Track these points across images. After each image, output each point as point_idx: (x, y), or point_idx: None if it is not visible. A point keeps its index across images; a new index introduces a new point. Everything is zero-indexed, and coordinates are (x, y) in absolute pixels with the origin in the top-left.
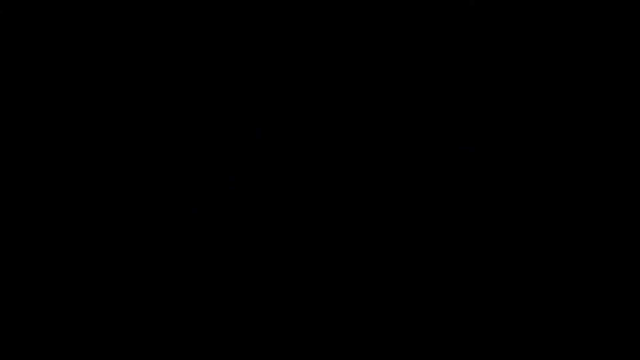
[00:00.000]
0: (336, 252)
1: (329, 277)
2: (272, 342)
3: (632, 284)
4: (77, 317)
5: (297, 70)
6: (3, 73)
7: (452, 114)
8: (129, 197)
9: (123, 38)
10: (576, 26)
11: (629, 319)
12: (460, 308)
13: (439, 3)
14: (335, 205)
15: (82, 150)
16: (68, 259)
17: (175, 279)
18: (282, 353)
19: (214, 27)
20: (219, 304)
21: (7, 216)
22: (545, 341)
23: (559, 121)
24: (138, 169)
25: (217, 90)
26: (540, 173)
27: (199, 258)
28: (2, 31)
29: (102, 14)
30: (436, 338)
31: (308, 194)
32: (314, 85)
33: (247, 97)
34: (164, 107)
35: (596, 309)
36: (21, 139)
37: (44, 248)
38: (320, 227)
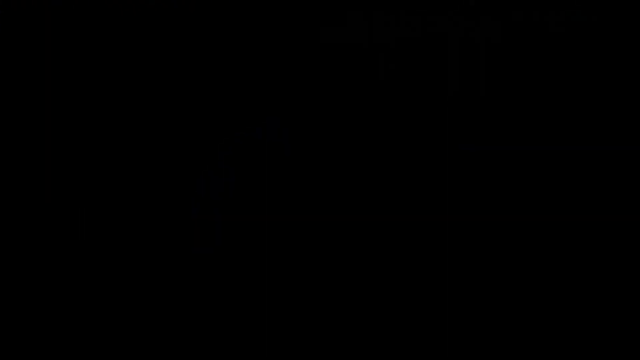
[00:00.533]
0: (336, 252)
1: (329, 277)
2: (272, 342)
3: (632, 284)
4: (77, 317)
5: (297, 70)
6: (3, 73)
7: (452, 114)
8: (129, 197)
9: (123, 38)
10: (576, 26)
11: (629, 319)
12: (460, 308)
13: (439, 3)
14: (335, 205)
15: (82, 150)
16: (68, 259)
17: (175, 279)
18: (282, 353)
19: (214, 27)
20: (219, 304)
21: (7, 216)
22: (545, 341)
23: (559, 121)
24: (138, 169)
25: (217, 90)
26: (540, 173)
27: (199, 258)
28: (2, 31)
29: (102, 14)
30: (436, 338)
31: (308, 194)
32: (314, 86)
33: (247, 97)
34: (164, 108)
35: (596, 309)
36: (21, 139)
37: (44, 248)
38: (320, 227)
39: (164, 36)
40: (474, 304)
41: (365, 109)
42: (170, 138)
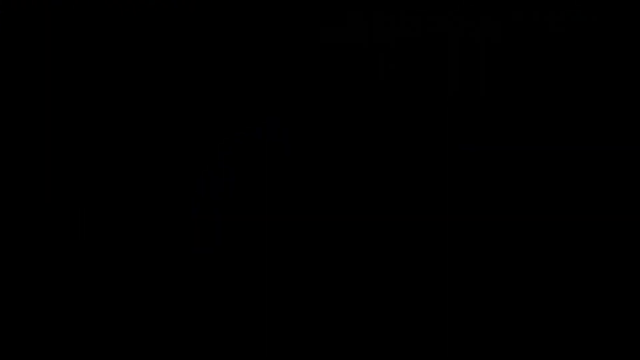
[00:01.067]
0: (336, 252)
1: (329, 277)
2: (272, 342)
3: (632, 284)
4: (77, 317)
5: (297, 70)
6: (3, 73)
7: (452, 114)
8: (129, 197)
9: (123, 38)
10: (576, 26)
11: (629, 319)
12: (460, 308)
13: (439, 3)
14: (335, 205)
15: (82, 150)
16: (68, 259)
17: (175, 279)
18: (282, 353)
19: (214, 27)
20: (219, 304)
21: (7, 216)
22: (545, 341)
23: (559, 121)
24: (138, 169)
25: (217, 90)
26: (540, 173)
27: (199, 258)
28: (2, 31)
29: (102, 14)
30: (436, 338)
31: (308, 194)
32: (314, 86)
33: (247, 97)
34: (164, 108)
35: (596, 309)
36: (21, 139)
37: (44, 248)
38: (320, 227)
39: (164, 36)
40: (474, 304)
41: (365, 109)
42: (171, 138)
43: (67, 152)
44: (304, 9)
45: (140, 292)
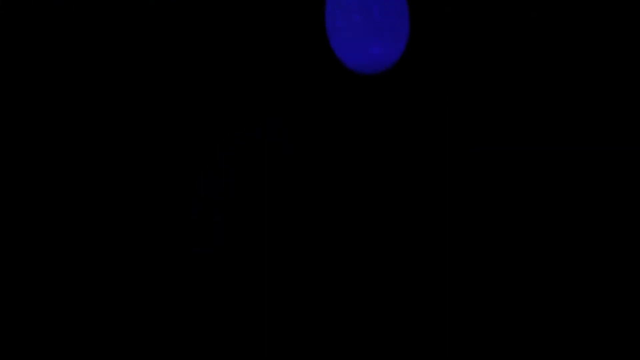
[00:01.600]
0: (336, 253)
1: (329, 278)
2: (272, 342)
3: (632, 284)
4: (77, 317)
5: (297, 69)
6: (3, 73)
7: (452, 114)
8: (129, 197)
9: (123, 38)
10: (575, 25)
11: (629, 319)
12: (460, 308)
13: None
14: (335, 206)
15: (82, 150)
16: (68, 259)
17: (175, 279)
18: (282, 353)
19: (213, 27)
20: (219, 304)
21: (7, 216)
22: (545, 341)
23: (559, 121)
24: (138, 169)
25: (217, 90)
26: (540, 173)
27: (199, 258)
28: (2, 31)
29: (101, 14)
30: (436, 338)
31: (308, 194)
32: (313, 85)
33: (247, 97)
34: (163, 107)
35: (596, 309)
36: (21, 139)
37: (44, 248)
38: (320, 227)
39: (163, 36)
40: (474, 304)
41: (365, 109)
42: (170, 138)
43: (67, 152)
44: (304, 8)
45: (140, 292)
